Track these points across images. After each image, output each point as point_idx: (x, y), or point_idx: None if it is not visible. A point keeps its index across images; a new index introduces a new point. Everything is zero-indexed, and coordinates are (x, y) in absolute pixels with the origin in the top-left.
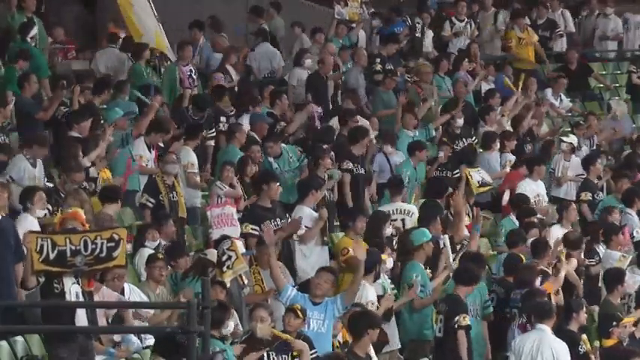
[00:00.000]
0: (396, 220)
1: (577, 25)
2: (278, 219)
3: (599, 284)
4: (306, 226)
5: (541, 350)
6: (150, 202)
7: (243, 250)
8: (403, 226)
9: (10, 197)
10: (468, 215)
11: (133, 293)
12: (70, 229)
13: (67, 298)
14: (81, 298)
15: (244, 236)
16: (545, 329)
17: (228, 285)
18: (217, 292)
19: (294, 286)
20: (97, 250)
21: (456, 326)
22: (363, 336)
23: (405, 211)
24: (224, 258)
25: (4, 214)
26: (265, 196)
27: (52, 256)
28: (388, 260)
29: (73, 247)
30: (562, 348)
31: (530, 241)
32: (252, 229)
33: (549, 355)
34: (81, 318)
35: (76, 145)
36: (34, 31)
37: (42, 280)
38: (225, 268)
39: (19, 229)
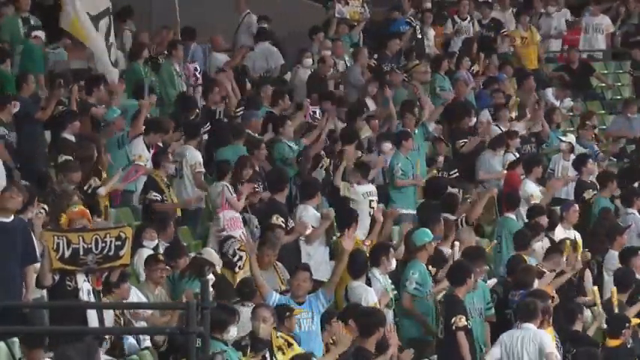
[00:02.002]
0: (373, 200)
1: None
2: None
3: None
4: (312, 226)
5: (525, 345)
6: (155, 196)
7: None
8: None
9: None
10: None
11: (131, 293)
12: (82, 228)
13: (80, 295)
14: (92, 296)
15: (272, 227)
16: (531, 328)
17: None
18: None
19: (277, 291)
20: (106, 249)
21: (454, 327)
22: (373, 334)
23: (371, 192)
24: (235, 259)
25: (13, 215)
26: (283, 194)
27: (67, 254)
28: (392, 261)
29: (86, 246)
30: (544, 336)
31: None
32: (282, 221)
33: (534, 349)
34: (92, 317)
35: (88, 145)
36: (39, 31)
37: (57, 278)
38: (237, 269)
39: None
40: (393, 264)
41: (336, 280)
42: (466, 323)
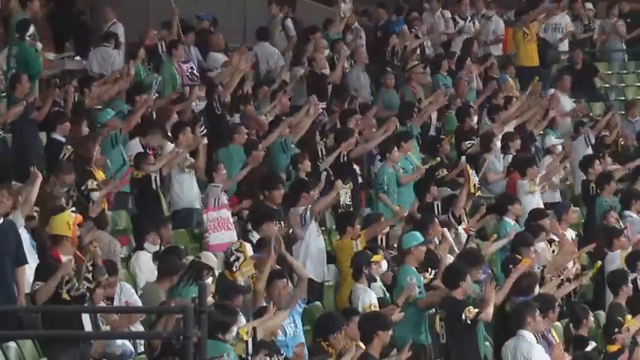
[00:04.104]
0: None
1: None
2: (282, 222)
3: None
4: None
5: (518, 357)
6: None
7: (251, 252)
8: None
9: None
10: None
11: (124, 289)
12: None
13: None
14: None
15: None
16: (524, 334)
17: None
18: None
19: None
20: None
21: (469, 322)
22: (373, 338)
23: None
24: (232, 259)
25: (2, 218)
26: (269, 201)
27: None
28: (383, 263)
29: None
30: (535, 353)
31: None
32: None
33: None
34: (86, 323)
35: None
36: (32, 29)
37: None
38: (234, 269)
39: None
40: (384, 266)
41: (305, 276)
42: (476, 311)
